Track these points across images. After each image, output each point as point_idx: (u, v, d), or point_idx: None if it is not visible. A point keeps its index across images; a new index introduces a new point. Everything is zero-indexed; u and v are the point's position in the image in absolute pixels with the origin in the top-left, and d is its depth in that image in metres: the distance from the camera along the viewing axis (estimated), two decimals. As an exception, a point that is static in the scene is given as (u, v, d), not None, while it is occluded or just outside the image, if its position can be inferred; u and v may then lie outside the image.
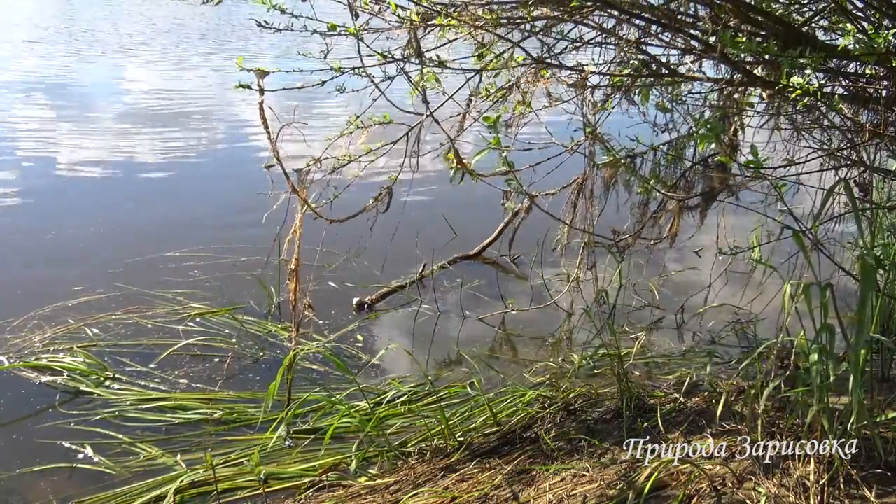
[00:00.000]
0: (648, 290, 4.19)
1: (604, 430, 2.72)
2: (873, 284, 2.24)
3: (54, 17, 18.93)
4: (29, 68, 11.44)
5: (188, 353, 3.43)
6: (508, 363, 3.52)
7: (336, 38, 2.71)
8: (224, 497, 2.50)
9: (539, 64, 2.88)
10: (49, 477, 2.62)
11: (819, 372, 2.17)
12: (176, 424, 2.94)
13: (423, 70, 2.84)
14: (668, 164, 3.51)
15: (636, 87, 3.03)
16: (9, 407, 3.01)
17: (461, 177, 3.09)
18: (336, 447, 2.76)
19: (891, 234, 3.44)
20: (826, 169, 3.30)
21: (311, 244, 3.40)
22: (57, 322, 3.66)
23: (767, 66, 2.62)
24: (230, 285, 4.15)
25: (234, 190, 5.92)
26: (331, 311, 3.91)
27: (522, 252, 4.57)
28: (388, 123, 2.95)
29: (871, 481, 2.15)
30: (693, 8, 2.91)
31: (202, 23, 18.15)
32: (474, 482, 2.45)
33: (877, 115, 2.82)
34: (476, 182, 3.23)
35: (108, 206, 5.57)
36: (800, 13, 2.94)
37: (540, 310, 3.99)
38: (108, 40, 15.00)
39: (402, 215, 3.81)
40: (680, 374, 3.18)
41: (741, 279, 4.29)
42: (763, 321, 3.76)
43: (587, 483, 2.35)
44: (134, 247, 4.60)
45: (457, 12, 2.63)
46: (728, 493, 2.21)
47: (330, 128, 3.11)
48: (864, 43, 2.18)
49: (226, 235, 4.81)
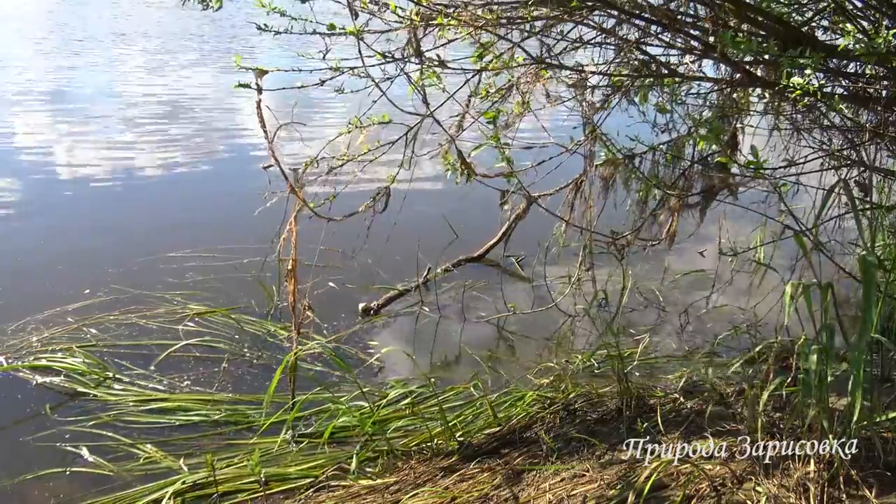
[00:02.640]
0: (650, 291, 4.19)
1: (604, 431, 2.72)
2: (875, 285, 2.24)
3: (53, 17, 18.92)
4: (28, 69, 11.43)
5: (188, 354, 3.43)
6: (510, 364, 3.52)
7: (336, 37, 2.71)
8: (225, 499, 2.50)
9: (539, 64, 2.87)
10: (48, 480, 2.62)
11: (819, 372, 2.17)
12: (176, 426, 2.94)
13: (423, 70, 2.83)
14: (667, 164, 3.50)
15: (636, 87, 3.03)
16: (8, 408, 3.01)
17: (465, 177, 3.09)
18: (337, 448, 2.76)
19: (891, 234, 3.44)
20: (826, 169, 3.30)
21: (311, 244, 3.40)
22: (56, 323, 3.65)
23: (767, 66, 2.62)
24: (230, 285, 4.15)
25: (233, 190, 5.91)
26: (332, 312, 3.91)
27: (526, 253, 4.57)
28: (388, 123, 2.95)
29: (871, 481, 2.15)
30: (693, 8, 2.91)
31: (202, 23, 18.14)
32: (474, 482, 2.45)
33: (877, 115, 2.82)
34: (476, 181, 3.23)
35: (108, 206, 5.57)
36: (800, 13, 2.94)
37: (542, 311, 3.99)
38: (108, 41, 14.99)
39: (402, 215, 3.81)
40: (680, 375, 3.17)
41: (743, 279, 4.29)
42: (764, 322, 3.76)
43: (587, 483, 2.35)
44: (133, 247, 4.60)
45: (457, 12, 2.62)
46: (728, 493, 2.21)
47: (329, 128, 3.10)
48: (864, 43, 2.17)
49: (225, 235, 4.80)
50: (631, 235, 3.62)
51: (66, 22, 17.83)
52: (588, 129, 3.22)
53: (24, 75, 10.83)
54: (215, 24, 17.71)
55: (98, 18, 19.03)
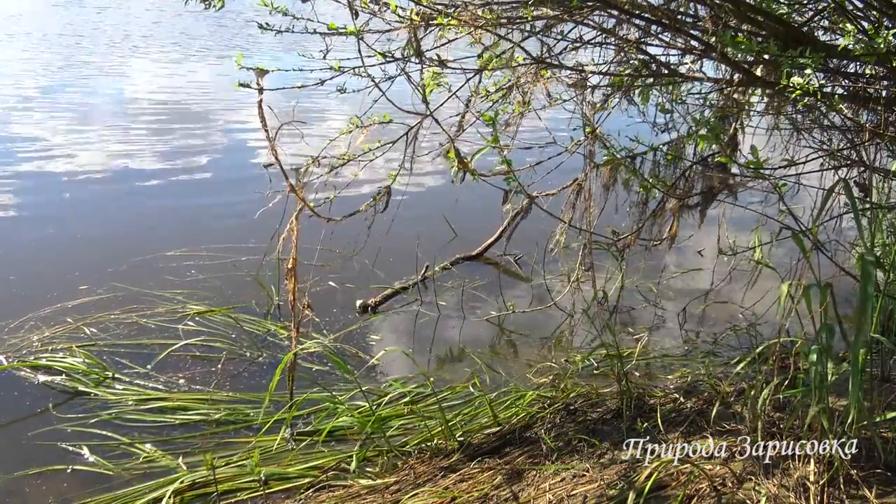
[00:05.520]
0: (650, 291, 4.19)
1: (604, 430, 2.72)
2: (873, 285, 2.24)
3: (50, 18, 18.91)
4: (28, 70, 11.42)
5: (188, 353, 3.42)
6: (509, 364, 3.52)
7: (336, 37, 2.71)
8: (224, 498, 2.50)
9: (539, 64, 2.87)
10: (48, 478, 2.61)
11: (819, 372, 2.17)
12: (175, 425, 2.94)
13: (424, 71, 2.83)
14: (667, 164, 3.50)
15: (636, 87, 3.03)
16: (7, 407, 3.00)
17: (462, 177, 3.09)
18: (336, 447, 2.76)
19: (891, 234, 3.44)
20: (826, 169, 3.30)
21: (310, 243, 3.40)
22: (56, 322, 3.65)
23: (767, 66, 2.62)
24: (229, 285, 4.15)
25: (233, 189, 5.91)
26: (331, 311, 3.91)
27: (525, 252, 4.57)
28: (388, 123, 2.95)
29: (871, 481, 2.15)
30: (693, 8, 2.91)
31: (203, 24, 18.13)
32: (474, 482, 2.45)
33: (877, 115, 2.82)
34: (476, 181, 3.22)
35: (108, 205, 5.57)
36: (800, 13, 2.94)
37: (541, 310, 3.99)
38: (108, 41, 14.98)
39: (401, 215, 3.81)
40: (680, 374, 3.18)
41: (742, 279, 4.29)
42: (763, 321, 3.76)
43: (587, 483, 2.35)
44: (134, 246, 4.59)
45: (457, 12, 2.62)
46: (728, 493, 2.21)
47: (329, 127, 3.11)
48: (864, 43, 2.18)
49: (225, 235, 4.80)
50: (632, 236, 3.62)
51: (65, 22, 17.82)
52: (588, 130, 3.23)
53: (23, 75, 10.82)
54: (212, 21, 17.71)
55: (96, 18, 19.02)
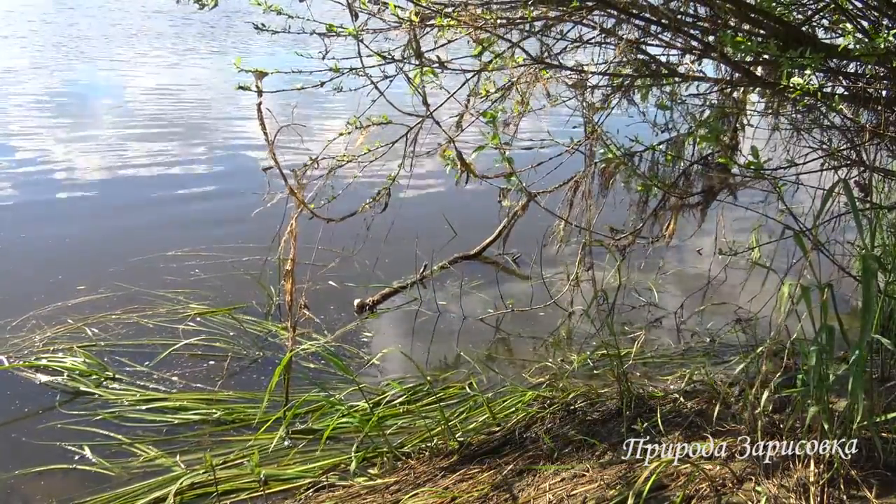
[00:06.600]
0: (648, 290, 4.19)
1: (604, 430, 2.72)
2: (874, 285, 2.24)
3: (50, 18, 18.91)
4: (27, 70, 11.43)
5: (188, 353, 3.43)
6: (508, 363, 3.52)
7: (335, 38, 2.71)
8: (224, 498, 2.50)
9: (539, 64, 2.87)
10: (48, 478, 2.62)
11: (819, 372, 2.17)
12: (175, 425, 2.94)
13: (422, 69, 2.83)
14: (667, 164, 3.50)
15: (636, 86, 3.03)
16: (8, 407, 3.01)
17: (466, 180, 3.09)
18: (336, 447, 2.76)
19: (891, 234, 3.43)
20: (826, 169, 3.30)
21: (310, 243, 3.40)
22: (57, 322, 3.65)
23: (767, 66, 2.62)
24: (230, 285, 4.15)
25: (233, 190, 5.91)
26: (330, 311, 3.92)
27: (523, 251, 4.57)
28: (387, 124, 2.95)
29: (871, 481, 2.15)
30: (693, 8, 2.91)
31: (203, 24, 18.14)
32: (474, 482, 2.45)
33: (877, 115, 2.82)
34: (475, 180, 3.23)
35: (108, 205, 5.57)
36: (800, 13, 2.94)
37: (540, 309, 3.99)
38: (107, 41, 14.99)
39: (401, 214, 3.81)
40: (680, 374, 3.18)
41: (741, 278, 4.28)
42: (763, 321, 3.76)
43: (587, 483, 2.35)
44: (134, 247, 4.60)
45: (456, 12, 2.62)
46: (728, 493, 2.21)
47: (329, 128, 3.11)
48: (864, 43, 2.18)
49: (226, 235, 4.81)
50: (631, 235, 3.62)
51: (62, 23, 17.82)
52: (588, 129, 3.22)
53: (22, 76, 10.82)
54: (212, 22, 17.71)
55: (92, 19, 19.03)
